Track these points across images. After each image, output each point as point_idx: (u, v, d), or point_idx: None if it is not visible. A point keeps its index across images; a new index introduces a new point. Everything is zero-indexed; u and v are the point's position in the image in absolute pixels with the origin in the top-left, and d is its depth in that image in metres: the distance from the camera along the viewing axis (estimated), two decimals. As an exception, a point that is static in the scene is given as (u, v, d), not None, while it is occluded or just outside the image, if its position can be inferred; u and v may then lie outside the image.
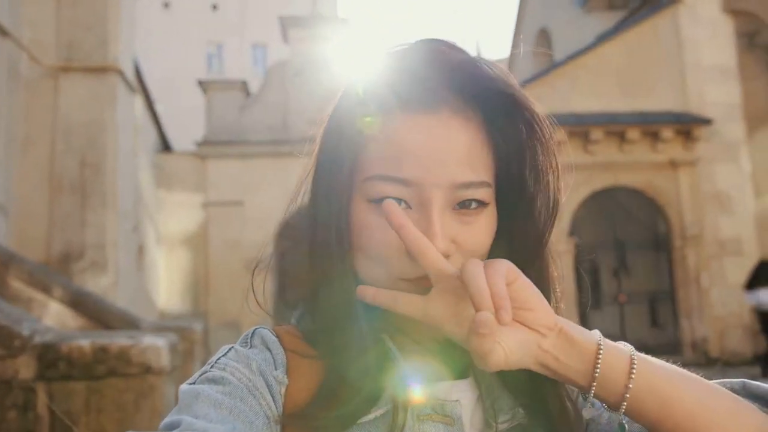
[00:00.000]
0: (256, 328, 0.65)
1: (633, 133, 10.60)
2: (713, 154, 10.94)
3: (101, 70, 7.84)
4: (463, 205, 0.58)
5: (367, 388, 0.57)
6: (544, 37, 19.01)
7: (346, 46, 11.40)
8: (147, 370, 2.88)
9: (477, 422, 0.62)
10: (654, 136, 10.77)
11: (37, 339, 2.88)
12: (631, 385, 0.53)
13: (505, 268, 0.52)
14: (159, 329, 4.68)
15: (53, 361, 2.82)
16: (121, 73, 8.03)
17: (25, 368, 2.82)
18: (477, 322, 0.47)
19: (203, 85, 10.98)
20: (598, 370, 0.53)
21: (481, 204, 0.59)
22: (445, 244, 0.56)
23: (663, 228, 10.96)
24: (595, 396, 0.54)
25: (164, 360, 2.92)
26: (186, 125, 23.37)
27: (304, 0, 28.45)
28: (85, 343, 2.85)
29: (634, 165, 10.77)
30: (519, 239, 0.63)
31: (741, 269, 10.39)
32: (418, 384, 0.57)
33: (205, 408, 0.52)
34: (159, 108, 12.23)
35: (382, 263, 0.58)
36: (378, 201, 0.57)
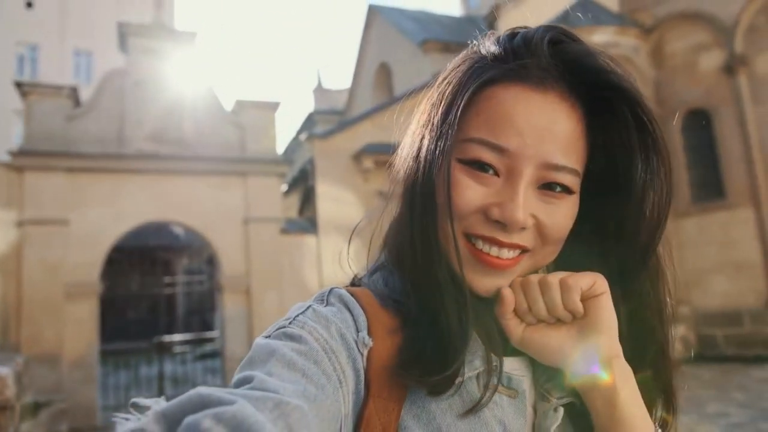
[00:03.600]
0: (332, 288, 0.64)
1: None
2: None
3: None
4: (548, 187, 0.61)
5: (456, 349, 0.59)
6: (384, 70, 20.00)
7: (189, 59, 10.93)
8: (-13, 405, 2.45)
9: (531, 396, 0.65)
10: (485, 170, 11.82)
11: None
12: None
13: (588, 281, 0.60)
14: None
15: None
16: None
17: None
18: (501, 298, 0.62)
19: (23, 88, 9.73)
20: None
21: (566, 190, 0.61)
22: (525, 216, 0.59)
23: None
24: None
25: (10, 391, 2.50)
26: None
27: (136, 7, 26.75)
28: None
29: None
30: (629, 238, 0.64)
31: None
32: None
33: (278, 367, 0.51)
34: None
35: (457, 218, 0.60)
36: (469, 162, 0.60)
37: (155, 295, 21.24)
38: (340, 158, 11.42)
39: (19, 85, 9.87)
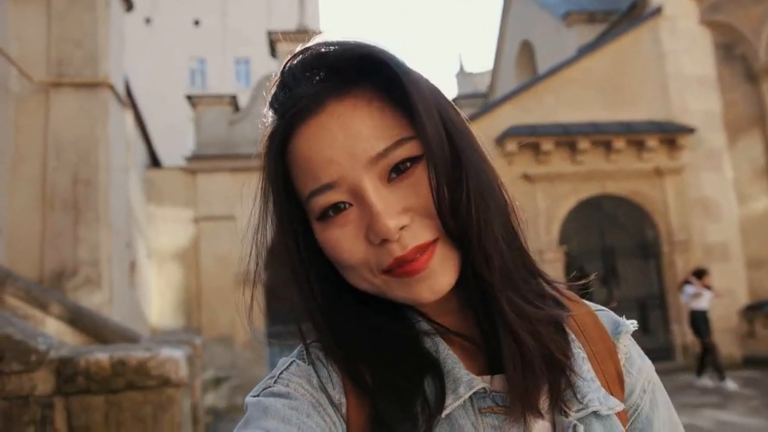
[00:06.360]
0: (310, 342, 0.65)
1: (619, 143, 10.79)
2: (697, 161, 11.17)
3: (92, 86, 7.79)
4: (399, 171, 0.57)
5: (429, 395, 0.58)
6: (526, 49, 19.31)
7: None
8: (165, 382, 2.86)
9: (545, 408, 0.60)
10: (639, 145, 10.97)
11: (53, 354, 2.84)
12: None
13: None
14: (162, 343, 4.64)
15: (71, 376, 2.79)
16: (112, 88, 7.98)
17: (42, 383, 2.78)
18: None
19: (192, 100, 10.95)
20: None
21: (413, 160, 0.57)
22: (396, 218, 0.55)
23: (651, 234, 11.13)
24: None
25: (182, 372, 2.90)
26: (168, 140, 23.22)
27: (285, 14, 28.63)
28: (103, 356, 2.83)
29: (620, 173, 10.95)
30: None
31: (728, 274, 10.59)
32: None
33: (275, 422, 0.53)
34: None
35: (360, 263, 0.58)
36: (322, 218, 0.59)
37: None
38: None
39: (189, 98, 11.09)
